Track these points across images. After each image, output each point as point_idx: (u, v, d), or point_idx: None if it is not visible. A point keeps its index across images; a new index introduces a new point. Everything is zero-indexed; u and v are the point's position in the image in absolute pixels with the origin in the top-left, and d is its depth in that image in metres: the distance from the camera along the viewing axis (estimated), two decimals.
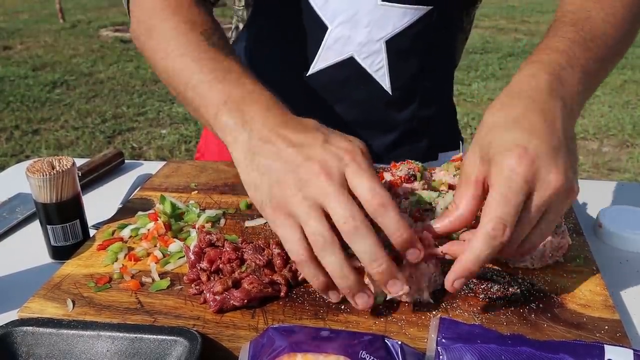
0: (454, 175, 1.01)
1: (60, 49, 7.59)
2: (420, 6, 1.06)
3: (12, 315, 0.75)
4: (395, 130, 1.20)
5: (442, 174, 1.03)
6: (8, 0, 12.30)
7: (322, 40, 1.10)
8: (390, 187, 0.98)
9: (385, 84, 1.13)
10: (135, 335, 0.66)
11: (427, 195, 0.91)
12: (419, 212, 0.86)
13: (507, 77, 5.81)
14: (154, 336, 0.66)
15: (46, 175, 0.86)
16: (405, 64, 1.13)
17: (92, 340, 0.67)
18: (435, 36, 1.11)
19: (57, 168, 0.88)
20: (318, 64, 1.12)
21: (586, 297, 0.73)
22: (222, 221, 0.96)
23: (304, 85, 1.15)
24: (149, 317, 0.72)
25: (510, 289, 0.75)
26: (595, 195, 1.11)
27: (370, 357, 0.57)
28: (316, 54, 1.11)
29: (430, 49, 1.13)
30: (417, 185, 0.99)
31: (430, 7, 1.06)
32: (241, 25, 1.23)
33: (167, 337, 0.66)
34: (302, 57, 1.13)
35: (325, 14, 1.07)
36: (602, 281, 0.76)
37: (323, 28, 1.09)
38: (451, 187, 1.01)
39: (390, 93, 1.14)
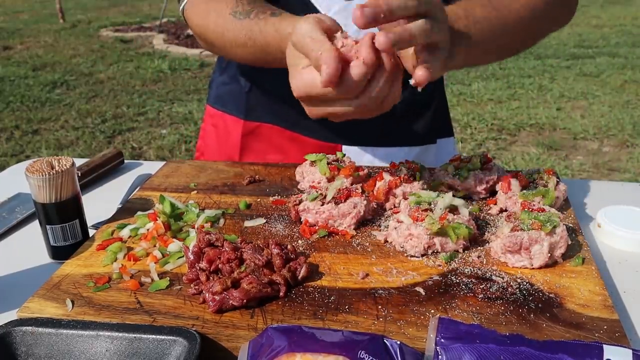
0: (453, 175, 1.02)
1: (60, 49, 7.60)
2: None
3: (12, 315, 0.76)
4: (393, 113, 1.23)
5: (441, 174, 1.03)
6: (8, 0, 12.32)
7: None
8: (390, 187, 0.98)
9: None
10: (135, 335, 0.66)
11: (426, 195, 0.91)
12: (418, 212, 0.86)
13: (507, 77, 5.81)
14: (153, 336, 0.66)
15: (45, 175, 0.86)
16: None
17: (91, 340, 0.67)
18: None
19: (57, 168, 0.88)
20: None
21: (585, 297, 0.73)
22: (222, 221, 0.96)
23: None
24: (148, 317, 0.72)
25: (509, 289, 0.75)
26: (595, 195, 1.11)
27: (369, 357, 0.57)
28: None
29: None
30: (416, 185, 0.99)
31: None
32: None
33: (166, 337, 0.66)
34: None
35: (320, 4, 1.11)
36: (601, 281, 0.76)
37: None
38: (450, 187, 1.01)
39: None
